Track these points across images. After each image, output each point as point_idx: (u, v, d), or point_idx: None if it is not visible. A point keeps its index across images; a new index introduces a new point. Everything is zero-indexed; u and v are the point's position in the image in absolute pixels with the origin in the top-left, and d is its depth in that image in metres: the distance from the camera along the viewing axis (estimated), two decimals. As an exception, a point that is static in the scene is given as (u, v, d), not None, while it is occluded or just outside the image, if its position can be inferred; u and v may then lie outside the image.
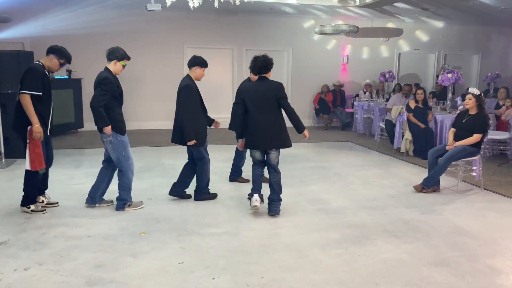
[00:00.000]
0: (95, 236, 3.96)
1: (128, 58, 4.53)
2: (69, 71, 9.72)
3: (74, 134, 9.84)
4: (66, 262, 3.44)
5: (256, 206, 4.57)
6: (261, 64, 4.48)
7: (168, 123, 5.40)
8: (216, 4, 5.30)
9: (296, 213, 4.70)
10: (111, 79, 4.39)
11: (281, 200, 4.64)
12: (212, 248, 3.77)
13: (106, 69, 4.48)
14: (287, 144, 4.53)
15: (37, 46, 9.23)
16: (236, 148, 5.61)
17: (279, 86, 4.49)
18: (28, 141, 4.27)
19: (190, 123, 4.70)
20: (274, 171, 4.60)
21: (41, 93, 4.23)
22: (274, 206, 4.59)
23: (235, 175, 5.94)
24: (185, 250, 3.71)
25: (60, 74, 9.42)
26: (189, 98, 4.72)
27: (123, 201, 4.65)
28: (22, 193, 4.50)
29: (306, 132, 4.60)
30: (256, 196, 4.60)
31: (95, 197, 4.73)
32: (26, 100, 4.16)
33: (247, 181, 5.67)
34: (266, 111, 4.43)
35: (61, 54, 4.43)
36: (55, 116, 8.89)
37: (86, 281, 3.15)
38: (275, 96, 4.42)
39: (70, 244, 3.77)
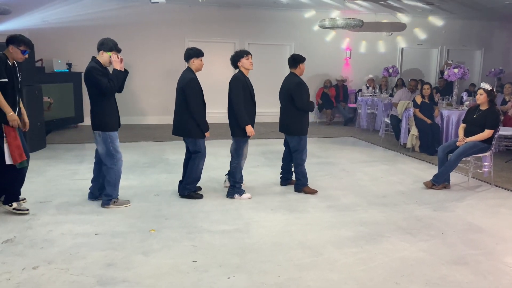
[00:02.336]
0: (103, 234, 3.86)
1: (118, 51, 4.40)
2: (69, 65, 9.56)
3: (74, 129, 9.69)
4: (76, 260, 3.34)
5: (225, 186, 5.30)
6: (231, 60, 4.86)
7: (169, 118, 5.32)
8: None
9: (306, 210, 4.62)
10: (98, 67, 4.30)
11: (234, 185, 4.94)
12: (224, 246, 3.68)
13: (93, 58, 4.39)
14: (235, 133, 4.82)
15: (37, 39, 9.03)
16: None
17: (232, 80, 4.79)
18: (5, 135, 4.08)
19: (202, 117, 4.69)
20: (233, 158, 4.93)
21: (6, 79, 4.03)
22: (229, 190, 4.99)
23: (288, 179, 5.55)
24: (197, 248, 3.61)
25: (60, 67, 9.26)
26: (195, 92, 4.66)
27: (109, 197, 4.50)
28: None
29: (247, 128, 4.73)
30: (225, 177, 5.35)
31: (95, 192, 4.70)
32: None
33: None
34: (229, 101, 4.84)
35: (18, 41, 4.14)
36: (55, 109, 8.75)
37: (97, 280, 3.05)
38: (230, 88, 4.79)
39: (78, 242, 3.67)
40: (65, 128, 9.53)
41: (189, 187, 4.88)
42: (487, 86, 5.42)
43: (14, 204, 4.28)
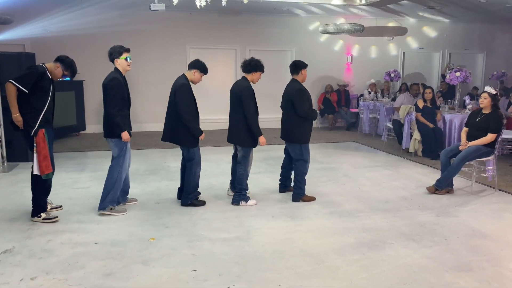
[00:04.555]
0: (102, 243, 3.83)
1: (128, 50, 4.46)
2: (71, 73, 9.57)
3: (76, 137, 9.70)
4: (74, 270, 3.30)
5: (228, 194, 5.26)
6: (250, 63, 4.78)
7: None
8: (224, 3, 5.16)
9: (308, 217, 4.57)
10: (118, 79, 4.35)
11: (241, 192, 4.89)
12: (224, 254, 3.64)
13: (115, 69, 4.44)
14: (245, 144, 4.77)
15: (38, 48, 9.12)
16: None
17: (243, 87, 4.72)
18: (35, 144, 4.15)
19: (191, 122, 4.62)
20: (240, 165, 4.86)
21: (26, 90, 4.07)
22: (235, 197, 4.94)
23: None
24: (197, 257, 3.57)
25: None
26: (186, 97, 4.62)
27: (105, 199, 4.48)
28: (31, 203, 4.33)
29: (261, 139, 4.75)
30: (229, 185, 5.31)
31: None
32: (9, 89, 4.06)
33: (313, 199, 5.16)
34: (235, 109, 4.77)
35: (68, 66, 4.33)
36: (57, 118, 8.73)
37: (96, 291, 3.02)
38: (240, 96, 4.68)
39: (78, 252, 3.64)
40: (67, 136, 9.53)
41: (190, 196, 4.85)
42: (492, 90, 5.37)
43: (43, 215, 4.31)
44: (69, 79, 9.31)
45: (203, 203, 4.90)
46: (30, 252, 3.62)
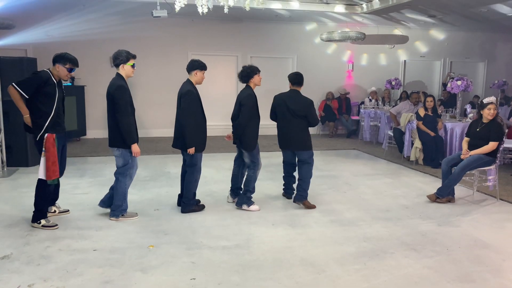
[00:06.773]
0: (101, 250, 3.80)
1: (134, 57, 4.41)
2: (72, 78, 9.57)
3: (76, 142, 9.69)
4: (72, 278, 3.27)
5: (228, 201, 5.27)
6: (242, 74, 4.87)
7: (172, 130, 5.33)
8: (226, 10, 5.17)
9: (309, 225, 4.54)
10: (125, 86, 4.33)
11: (246, 194, 4.95)
12: (224, 262, 3.60)
13: (118, 75, 4.36)
14: (246, 148, 4.84)
15: (40, 53, 9.12)
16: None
17: (245, 95, 4.80)
18: (44, 149, 4.14)
19: (192, 129, 4.62)
20: (248, 168, 4.98)
21: (27, 96, 4.10)
22: (239, 198, 5.02)
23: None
24: (196, 265, 3.54)
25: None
26: (190, 104, 4.62)
27: (118, 207, 4.50)
28: (33, 208, 4.31)
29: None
30: (229, 193, 5.29)
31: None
32: (12, 92, 4.09)
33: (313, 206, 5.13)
34: (239, 114, 4.85)
35: (64, 59, 4.26)
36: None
37: (93, 298, 2.99)
38: (240, 102, 4.81)
39: (76, 258, 3.61)
40: (68, 141, 9.49)
41: (191, 203, 4.84)
42: (493, 99, 5.38)
43: (43, 221, 4.28)
44: (72, 83, 9.41)
45: (202, 207, 4.92)
46: (28, 258, 3.59)
